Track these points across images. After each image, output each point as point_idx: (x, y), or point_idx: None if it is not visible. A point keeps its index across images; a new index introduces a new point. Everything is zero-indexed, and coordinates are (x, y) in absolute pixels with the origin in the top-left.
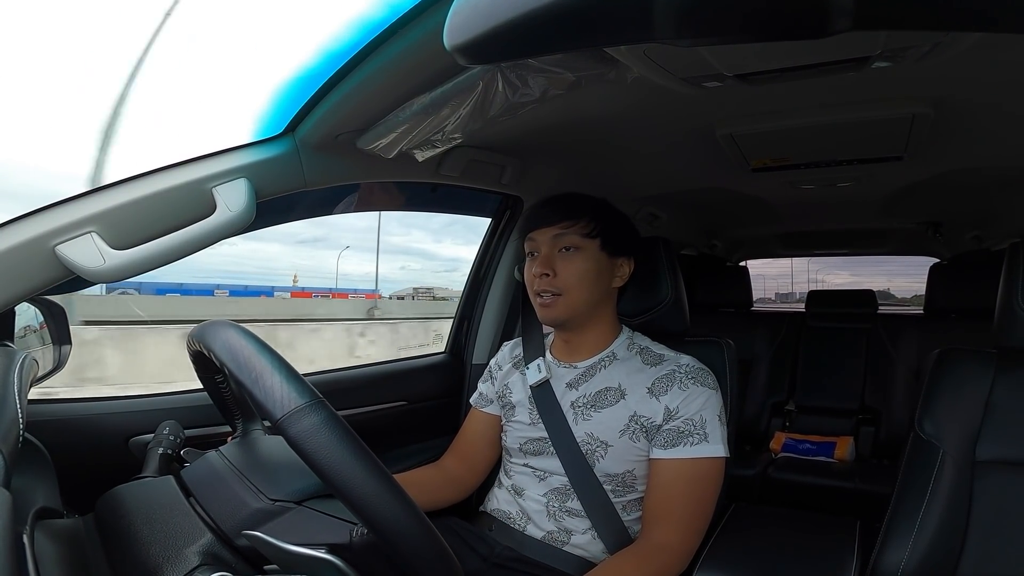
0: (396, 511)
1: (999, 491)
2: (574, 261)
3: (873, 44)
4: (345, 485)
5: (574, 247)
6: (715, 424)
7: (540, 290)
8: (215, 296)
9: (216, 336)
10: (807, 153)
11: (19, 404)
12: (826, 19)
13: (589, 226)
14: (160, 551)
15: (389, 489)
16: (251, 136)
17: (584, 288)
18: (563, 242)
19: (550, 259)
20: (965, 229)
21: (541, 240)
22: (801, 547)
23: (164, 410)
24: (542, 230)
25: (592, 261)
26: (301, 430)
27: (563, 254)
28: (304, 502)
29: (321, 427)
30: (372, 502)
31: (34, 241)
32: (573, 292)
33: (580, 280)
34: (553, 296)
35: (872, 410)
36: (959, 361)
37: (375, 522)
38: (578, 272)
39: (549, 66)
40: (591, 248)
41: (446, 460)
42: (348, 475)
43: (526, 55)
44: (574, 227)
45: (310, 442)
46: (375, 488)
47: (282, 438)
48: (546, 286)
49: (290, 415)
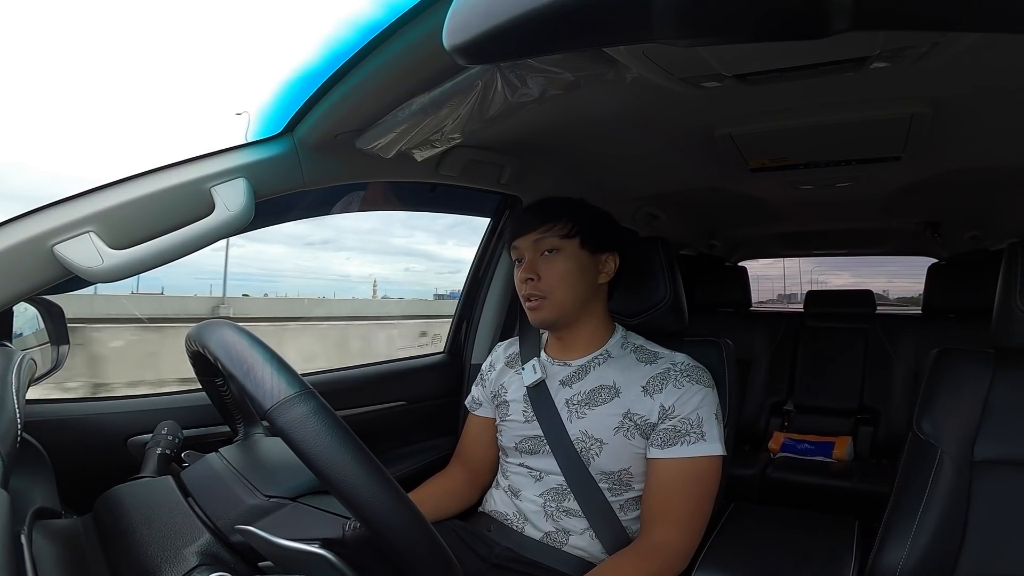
0: (386, 501)
1: (997, 491)
2: (555, 262)
3: (872, 44)
4: (333, 474)
5: (554, 249)
6: (712, 422)
7: (527, 294)
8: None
9: (211, 334)
10: (806, 153)
11: (17, 404)
12: (825, 19)
13: (567, 227)
14: (158, 551)
15: (379, 480)
16: (250, 136)
17: (568, 287)
18: (543, 245)
19: (533, 263)
20: (963, 229)
21: (524, 246)
22: (800, 547)
23: (162, 410)
24: (523, 236)
25: (573, 260)
26: (290, 419)
27: (545, 257)
28: (299, 498)
29: (310, 416)
30: (361, 492)
31: (32, 241)
32: (557, 292)
33: (562, 280)
34: (539, 299)
35: (870, 410)
36: (957, 361)
37: (365, 512)
38: (559, 273)
39: (548, 66)
40: (571, 248)
41: (452, 468)
42: (337, 464)
43: (525, 55)
44: (552, 229)
45: (299, 431)
46: (365, 479)
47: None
48: (531, 290)
49: (279, 405)
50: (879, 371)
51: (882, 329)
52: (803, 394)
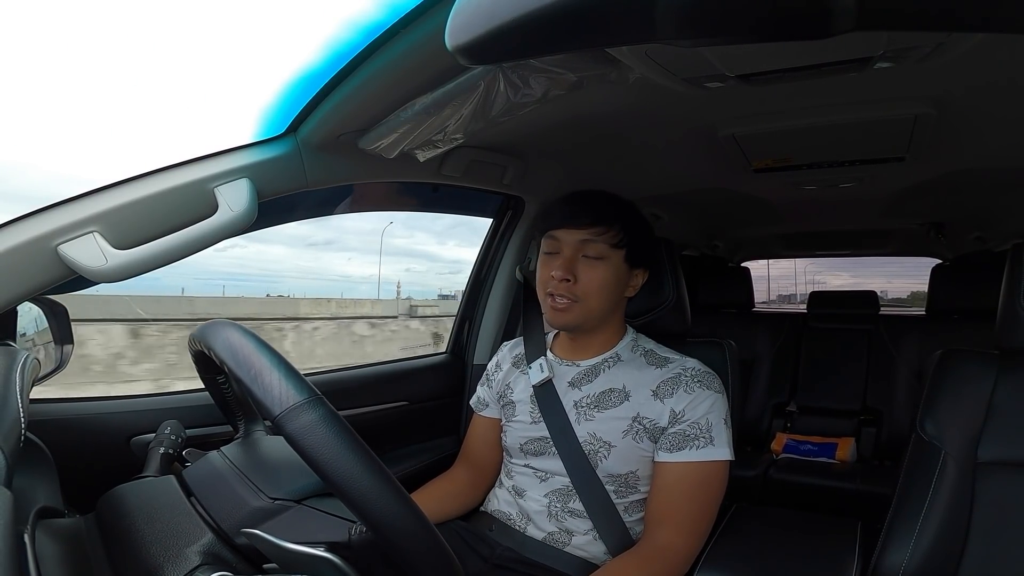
0: (394, 508)
1: (1001, 492)
2: (597, 269)
3: (875, 45)
4: (342, 481)
5: (600, 256)
6: (721, 428)
7: (557, 293)
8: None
9: (217, 335)
10: (809, 154)
11: (21, 403)
12: (828, 19)
13: (619, 236)
14: (161, 550)
15: (387, 486)
16: (253, 136)
17: (602, 298)
18: (589, 249)
19: (573, 263)
20: (968, 230)
21: (565, 240)
22: (802, 548)
23: (165, 410)
24: (568, 230)
25: (614, 271)
26: (299, 426)
27: (587, 260)
28: (304, 501)
29: (319, 423)
30: (370, 498)
31: (36, 241)
32: (591, 301)
33: (600, 290)
34: (570, 301)
35: (874, 411)
36: (961, 362)
37: (373, 519)
38: (599, 281)
39: (551, 66)
40: (616, 259)
41: (456, 469)
42: (346, 471)
43: (528, 55)
44: (605, 234)
45: (308, 438)
46: (373, 485)
47: (283, 438)
48: (564, 291)
49: (288, 411)
50: (882, 372)
51: (885, 330)
52: (806, 395)
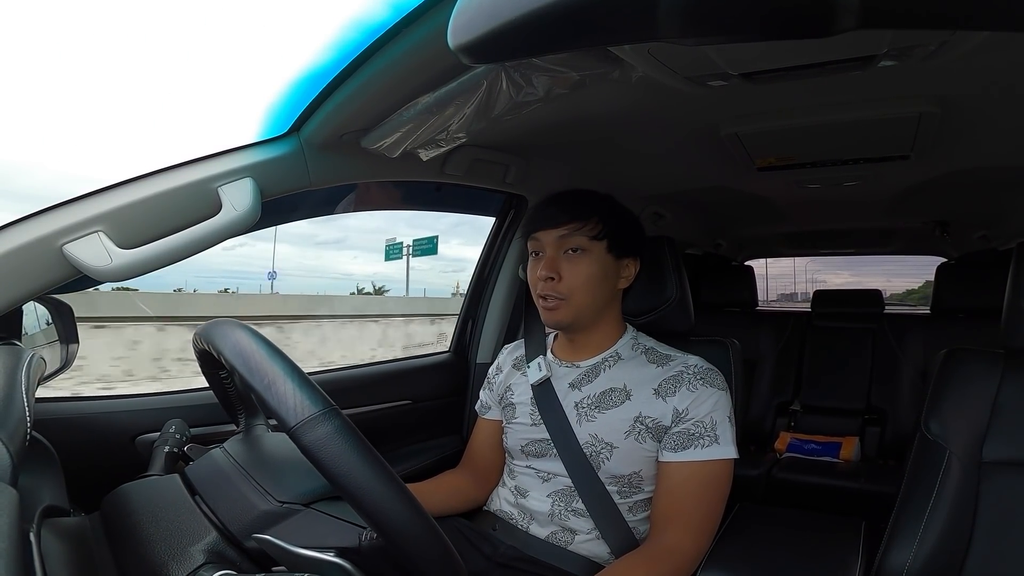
0: (408, 519)
1: (1006, 492)
2: (580, 264)
3: (879, 43)
4: (358, 492)
5: (581, 249)
6: (725, 426)
7: (544, 293)
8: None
9: (225, 338)
10: (813, 152)
11: (27, 402)
12: (832, 17)
13: (597, 227)
14: (166, 549)
15: (401, 497)
16: (256, 136)
17: (590, 292)
18: (569, 243)
19: (555, 261)
20: (972, 229)
21: (546, 240)
22: (806, 547)
23: (170, 409)
24: (547, 230)
25: (598, 264)
26: (315, 439)
27: (568, 256)
28: (312, 504)
29: (334, 435)
30: (385, 510)
31: (41, 240)
32: (578, 296)
33: (586, 283)
34: (557, 300)
35: (878, 410)
36: (966, 361)
37: (387, 529)
38: (584, 275)
39: (553, 65)
40: (598, 250)
41: (461, 469)
42: (361, 483)
43: (530, 54)
44: (582, 228)
45: (324, 451)
46: (388, 496)
47: (286, 435)
48: (550, 290)
49: (304, 423)
50: (887, 371)
51: (890, 329)
52: (810, 394)
